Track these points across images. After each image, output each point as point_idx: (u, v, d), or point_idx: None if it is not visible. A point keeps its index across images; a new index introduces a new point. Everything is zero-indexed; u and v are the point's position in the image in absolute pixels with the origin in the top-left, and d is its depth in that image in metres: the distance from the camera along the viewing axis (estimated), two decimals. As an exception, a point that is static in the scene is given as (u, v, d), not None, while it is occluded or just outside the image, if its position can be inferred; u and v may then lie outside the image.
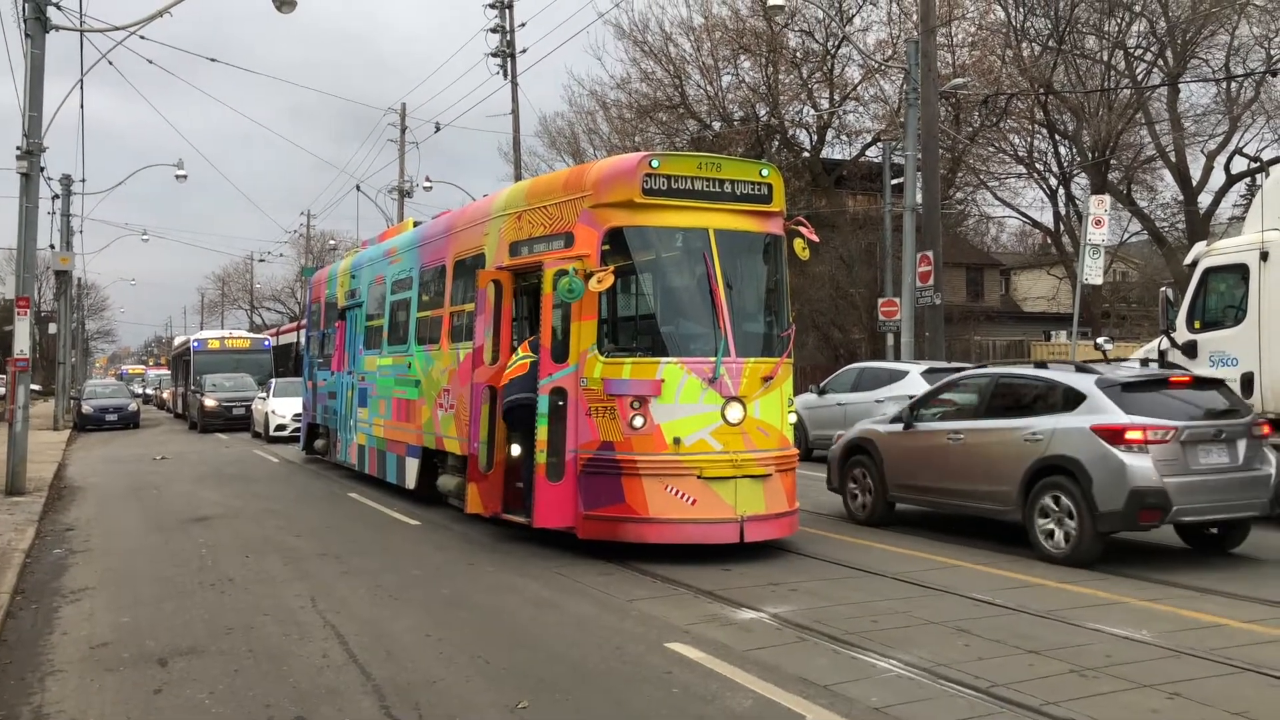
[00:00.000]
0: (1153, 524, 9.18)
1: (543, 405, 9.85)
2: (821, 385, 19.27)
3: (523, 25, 33.20)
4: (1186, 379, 10.02)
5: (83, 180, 36.12)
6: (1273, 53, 28.08)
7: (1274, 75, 26.52)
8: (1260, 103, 29.16)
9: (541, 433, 9.80)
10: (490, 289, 10.81)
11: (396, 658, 6.50)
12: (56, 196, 35.74)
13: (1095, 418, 9.23)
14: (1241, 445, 9.33)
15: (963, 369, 18.31)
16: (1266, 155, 29.19)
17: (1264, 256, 11.64)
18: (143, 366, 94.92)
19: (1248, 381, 11.64)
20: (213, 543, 10.93)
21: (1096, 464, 9.04)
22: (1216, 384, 10.26)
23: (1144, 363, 10.98)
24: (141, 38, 17.75)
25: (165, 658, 6.57)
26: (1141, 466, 8.88)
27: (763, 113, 32.31)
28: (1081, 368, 10.21)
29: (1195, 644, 6.55)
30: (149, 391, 62.12)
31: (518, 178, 32.53)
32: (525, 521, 10.15)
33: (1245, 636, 6.79)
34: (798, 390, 15.53)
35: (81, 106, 24.80)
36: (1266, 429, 9.89)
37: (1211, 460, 9.21)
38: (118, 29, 17.13)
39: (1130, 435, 9.00)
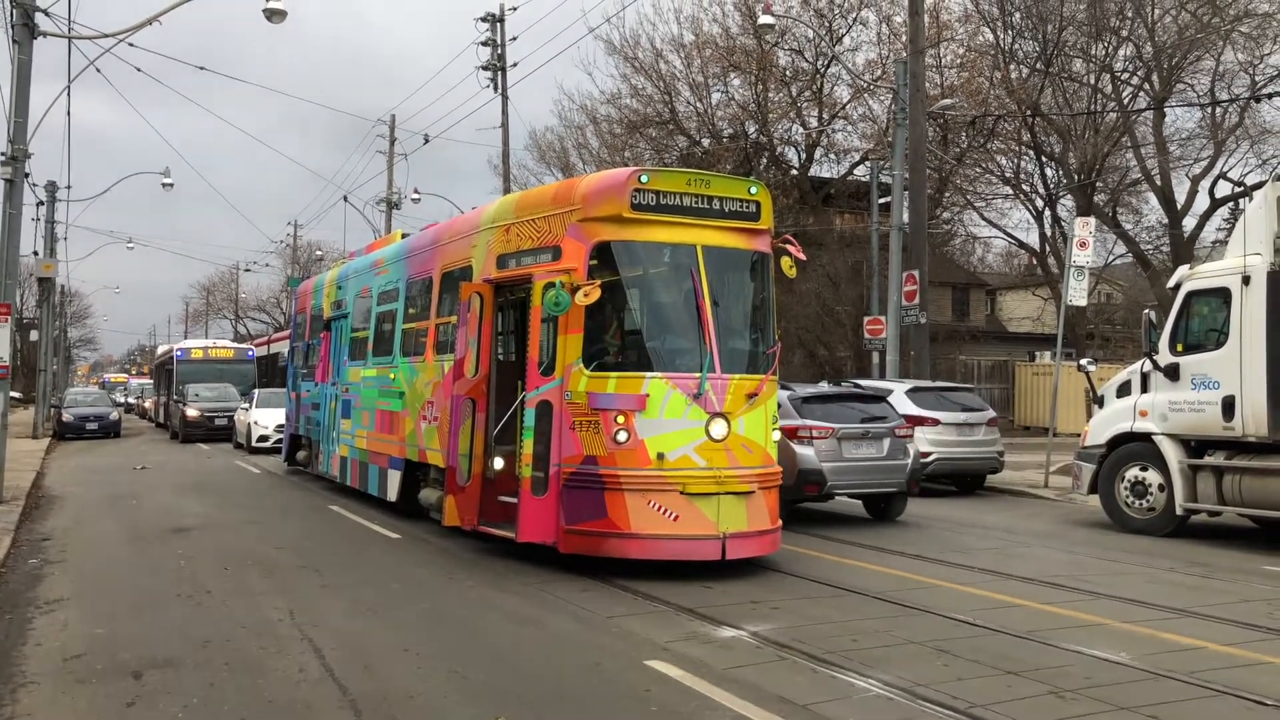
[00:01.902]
0: (815, 495, 13.14)
1: (529, 419, 9.82)
2: (806, 402, 19.26)
3: (514, 39, 33.28)
4: (856, 394, 14.56)
5: (68, 187, 36.21)
6: (1257, 79, 28.39)
7: (1258, 101, 26.78)
8: (1244, 128, 29.48)
9: (527, 446, 9.77)
10: (474, 301, 10.79)
11: (374, 672, 6.45)
12: (41, 203, 35.60)
13: (783, 421, 12.41)
14: (886, 442, 13.37)
15: (948, 387, 18.54)
16: (1250, 180, 29.47)
17: (1246, 281, 11.70)
18: (125, 375, 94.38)
19: (1228, 405, 11.69)
20: (191, 554, 10.84)
21: (781, 452, 12.24)
22: (879, 399, 14.50)
23: (836, 383, 15.37)
24: (131, 45, 17.75)
25: (140, 670, 6.49)
26: (807, 454, 12.90)
27: (752, 130, 32.44)
28: (783, 386, 13.44)
29: (1175, 666, 6.56)
30: (131, 400, 61.76)
31: (507, 191, 32.54)
32: (507, 535, 10.11)
33: (1224, 660, 6.80)
34: (782, 407, 15.59)
35: (68, 114, 24.80)
36: (908, 431, 13.91)
37: (861, 452, 13.23)
38: (106, 36, 17.08)
39: (801, 433, 12.96)
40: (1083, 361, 15.47)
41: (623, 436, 9.31)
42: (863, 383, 19.91)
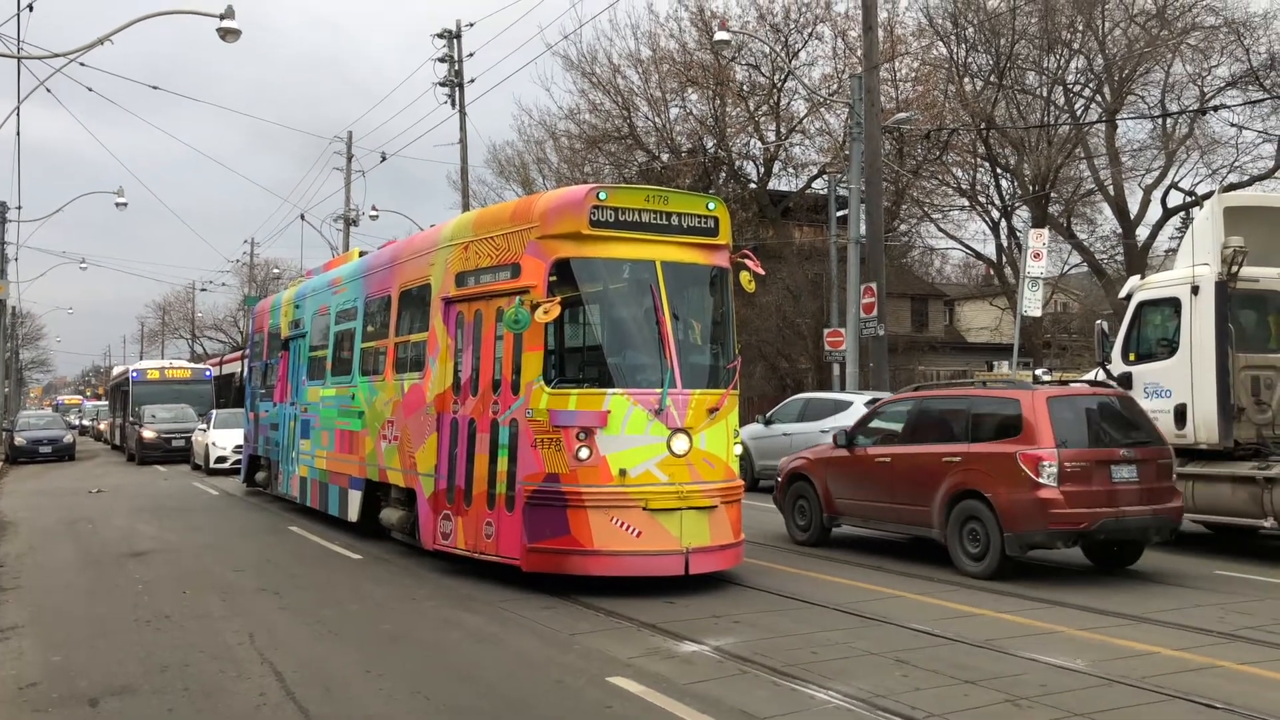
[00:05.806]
0: None
1: (503, 437, 9.80)
2: (768, 415, 19.39)
3: (471, 55, 33.29)
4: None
5: (19, 207, 35.66)
6: (1205, 90, 28.98)
7: (1204, 113, 27.34)
8: (1194, 138, 30.05)
9: (501, 464, 9.76)
10: (476, 319, 10.47)
11: (335, 695, 6.41)
12: (-9, 224, 35.08)
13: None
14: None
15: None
16: (1201, 189, 30.05)
17: (1195, 290, 11.92)
18: (79, 397, 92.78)
19: (1180, 413, 11.90)
20: (149, 579, 10.71)
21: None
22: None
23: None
24: (83, 65, 17.55)
25: (96, 698, 6.41)
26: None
27: (710, 144, 32.64)
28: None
29: (1127, 672, 6.67)
30: (86, 423, 60.73)
31: (466, 207, 32.48)
32: (467, 554, 10.06)
33: (1174, 664, 6.92)
34: (744, 420, 15.67)
35: (18, 134, 24.56)
36: None
37: None
38: (56, 56, 16.90)
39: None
40: (1038, 371, 15.73)
41: (584, 453, 9.32)
42: (822, 395, 20.10)
